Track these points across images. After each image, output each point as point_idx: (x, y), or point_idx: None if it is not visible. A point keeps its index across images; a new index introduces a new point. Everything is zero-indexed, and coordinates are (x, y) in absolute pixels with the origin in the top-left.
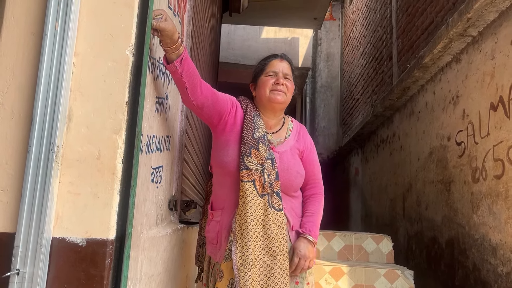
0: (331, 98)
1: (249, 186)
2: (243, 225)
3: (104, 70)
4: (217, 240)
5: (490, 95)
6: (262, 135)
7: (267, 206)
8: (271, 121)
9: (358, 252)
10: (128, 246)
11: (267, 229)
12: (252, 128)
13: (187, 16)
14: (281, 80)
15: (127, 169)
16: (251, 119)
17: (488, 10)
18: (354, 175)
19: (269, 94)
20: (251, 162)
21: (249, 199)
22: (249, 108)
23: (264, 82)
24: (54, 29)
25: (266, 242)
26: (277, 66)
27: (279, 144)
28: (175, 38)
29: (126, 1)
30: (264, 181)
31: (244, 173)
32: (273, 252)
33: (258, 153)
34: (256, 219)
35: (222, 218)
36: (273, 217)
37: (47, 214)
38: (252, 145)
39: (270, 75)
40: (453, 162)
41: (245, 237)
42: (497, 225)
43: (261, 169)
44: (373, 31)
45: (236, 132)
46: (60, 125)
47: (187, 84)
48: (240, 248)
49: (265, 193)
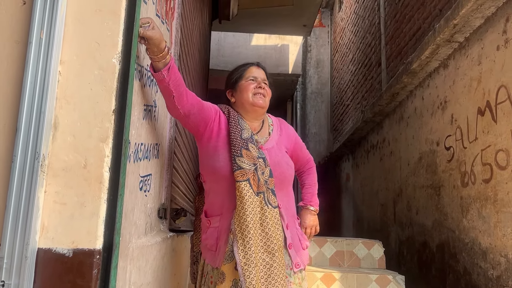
0: (322, 104)
1: (244, 185)
2: (242, 225)
3: (91, 78)
4: (217, 246)
5: (478, 100)
6: (249, 136)
7: (263, 204)
8: (253, 124)
9: (349, 258)
10: (116, 256)
11: (265, 226)
12: (239, 130)
13: (175, 24)
14: (262, 84)
15: (115, 178)
16: (236, 122)
17: (474, 16)
18: (345, 180)
19: (252, 98)
20: (243, 162)
21: (246, 198)
22: (232, 113)
23: (246, 86)
24: (39, 37)
25: (264, 239)
26: (255, 72)
27: (265, 142)
28: (162, 47)
29: (112, 9)
30: (258, 179)
31: (238, 173)
32: (272, 249)
33: (249, 153)
34: (255, 218)
35: (221, 223)
36: (270, 214)
37: (32, 225)
38: (242, 146)
39: (250, 79)
40: (442, 166)
41: (246, 236)
42: (486, 229)
43: (254, 167)
44: (362, 38)
45: (223, 137)
46: (46, 134)
47: (174, 92)
48: (242, 248)
49: (261, 191)
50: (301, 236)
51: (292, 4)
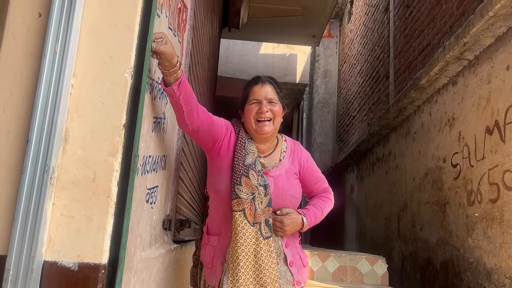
0: (328, 114)
1: (239, 215)
2: (234, 256)
3: (102, 92)
4: (212, 265)
5: (486, 119)
6: (253, 161)
7: (258, 235)
8: (262, 146)
9: (352, 273)
10: (120, 270)
11: (258, 258)
12: (243, 155)
13: (186, 36)
14: (264, 108)
15: (122, 192)
16: (242, 145)
17: (485, 35)
18: (350, 192)
19: (255, 126)
20: (241, 190)
21: (239, 229)
22: (241, 133)
23: (249, 111)
24: (54, 50)
25: (257, 272)
26: (258, 93)
27: (273, 167)
28: (174, 62)
29: (127, 24)
30: (255, 210)
31: (235, 203)
32: (264, 282)
33: (248, 181)
34: (247, 249)
35: (218, 244)
36: (264, 246)
37: (39, 237)
38: (243, 173)
39: (253, 103)
40: (448, 184)
41: (236, 268)
42: (491, 249)
43: (252, 197)
44: (370, 50)
45: (229, 158)
46: (56, 146)
47: (184, 107)
48: (231, 279)
49: (257, 221)
50: (301, 253)
51: (302, 15)
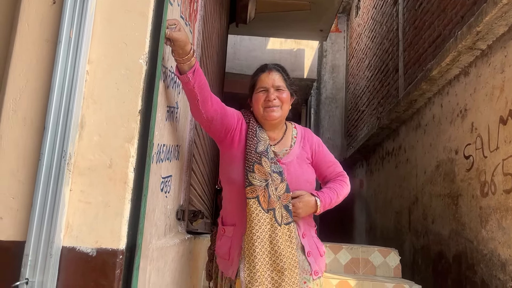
0: (336, 109)
1: (253, 202)
2: (249, 242)
3: (118, 78)
4: (229, 256)
5: (500, 109)
6: (265, 149)
7: (273, 221)
8: (272, 133)
9: (365, 265)
10: (138, 256)
11: (274, 244)
12: (254, 143)
13: (197, 26)
14: (271, 96)
15: (139, 178)
16: (254, 133)
17: (498, 24)
18: (359, 187)
19: (263, 112)
20: (254, 178)
21: (253, 216)
22: (252, 122)
23: (256, 99)
24: (69, 37)
25: (274, 258)
26: (265, 81)
27: (285, 155)
28: (187, 49)
29: (141, 10)
30: (269, 196)
31: (248, 190)
32: (281, 268)
33: (261, 168)
34: (263, 235)
35: (234, 234)
36: (281, 231)
37: (57, 223)
38: (255, 161)
39: (261, 91)
40: (461, 175)
41: (252, 254)
42: (506, 240)
43: (265, 184)
44: (379, 44)
45: (242, 147)
46: (73, 132)
47: (198, 96)
48: (248, 266)
49: (271, 208)
50: (318, 243)
51: (309, 9)
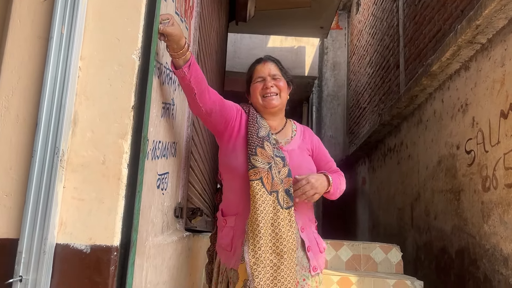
0: (338, 107)
1: (257, 184)
2: (254, 224)
3: (110, 74)
4: (232, 246)
5: (500, 103)
6: (266, 134)
7: (276, 203)
8: (272, 123)
9: (366, 262)
10: (133, 253)
11: (275, 227)
12: (256, 128)
13: (194, 23)
14: (269, 84)
15: (133, 174)
16: (254, 120)
17: (498, 17)
18: (361, 184)
19: (262, 101)
20: (257, 160)
21: (257, 197)
22: (251, 111)
23: (254, 89)
24: (61, 33)
25: (274, 240)
26: (261, 71)
27: (286, 143)
28: (182, 44)
29: (133, 5)
30: (272, 178)
31: (252, 172)
32: (280, 250)
33: (263, 151)
34: (266, 217)
35: (236, 223)
36: (282, 215)
37: (51, 220)
38: (258, 144)
39: (257, 81)
40: (462, 170)
41: (257, 236)
42: (509, 235)
43: (268, 166)
44: (379, 40)
45: (242, 137)
46: (65, 129)
47: (195, 89)
48: (252, 247)
49: (274, 190)
50: (318, 239)
51: (309, 6)
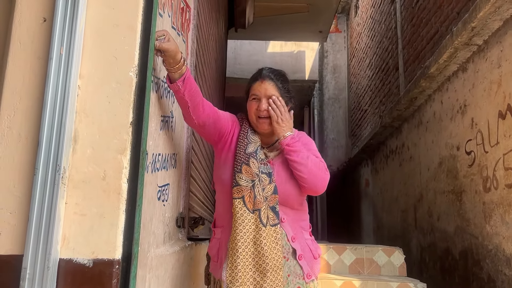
0: (339, 110)
1: (238, 202)
2: (233, 242)
3: (109, 91)
4: (218, 258)
5: (498, 104)
6: (254, 150)
7: (258, 222)
8: (266, 138)
9: (369, 265)
10: (134, 265)
11: (258, 245)
12: (245, 144)
13: (191, 35)
14: (262, 107)
15: (133, 188)
16: (245, 135)
17: (492, 19)
18: (365, 186)
19: (256, 120)
20: (241, 178)
21: (238, 216)
22: (244, 124)
23: (249, 107)
24: (59, 53)
25: (257, 259)
26: (258, 90)
27: (275, 156)
28: (178, 58)
29: (129, 24)
30: (255, 197)
31: (235, 190)
32: (263, 269)
33: (248, 169)
34: (246, 236)
35: (222, 236)
36: (265, 233)
37: (54, 236)
38: (243, 161)
39: (253, 99)
40: (463, 171)
41: (235, 254)
42: (510, 235)
43: (252, 184)
44: (378, 42)
45: (233, 149)
46: (66, 146)
47: (189, 103)
48: (230, 266)
49: (257, 208)
50: (311, 245)
51: (307, 11)
